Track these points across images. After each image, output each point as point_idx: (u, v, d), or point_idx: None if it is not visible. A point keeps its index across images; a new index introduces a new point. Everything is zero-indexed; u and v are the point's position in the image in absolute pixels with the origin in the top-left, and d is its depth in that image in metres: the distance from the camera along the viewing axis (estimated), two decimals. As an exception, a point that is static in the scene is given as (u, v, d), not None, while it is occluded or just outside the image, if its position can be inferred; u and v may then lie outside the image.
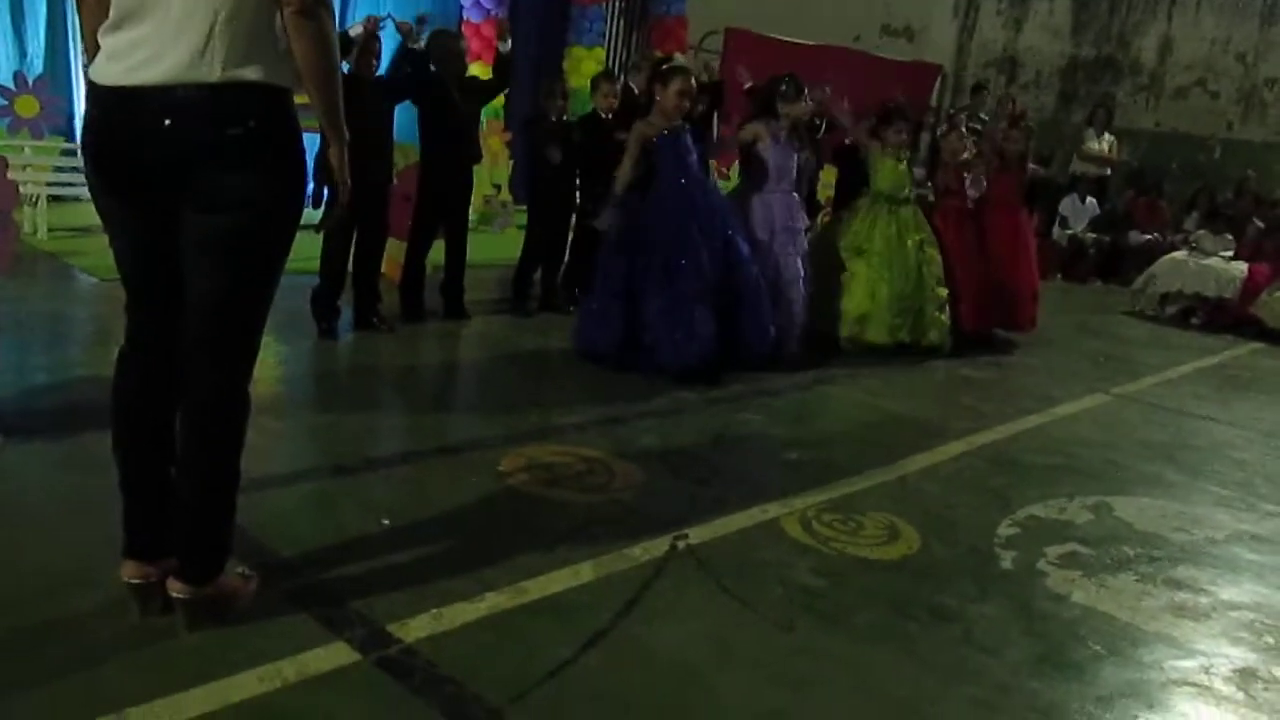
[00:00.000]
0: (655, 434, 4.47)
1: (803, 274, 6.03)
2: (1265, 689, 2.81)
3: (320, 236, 5.39)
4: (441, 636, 2.59)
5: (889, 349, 6.33)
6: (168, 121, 2.17)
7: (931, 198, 7.03)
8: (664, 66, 5.59)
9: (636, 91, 6.98)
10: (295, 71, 2.29)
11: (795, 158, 6.08)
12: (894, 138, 6.53)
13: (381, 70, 5.80)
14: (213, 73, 2.17)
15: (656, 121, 5.39)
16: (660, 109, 5.39)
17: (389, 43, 5.85)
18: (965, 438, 4.88)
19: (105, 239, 2.44)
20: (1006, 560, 3.48)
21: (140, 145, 2.20)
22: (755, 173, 5.99)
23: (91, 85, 2.28)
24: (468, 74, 6.24)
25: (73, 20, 8.51)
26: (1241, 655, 2.99)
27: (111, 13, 2.23)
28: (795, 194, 6.12)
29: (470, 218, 9.64)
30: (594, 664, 2.55)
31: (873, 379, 5.93)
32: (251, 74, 2.20)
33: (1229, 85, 13.16)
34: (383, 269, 6.01)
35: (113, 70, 2.21)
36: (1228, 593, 3.42)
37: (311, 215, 2.44)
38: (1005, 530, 3.74)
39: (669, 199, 5.37)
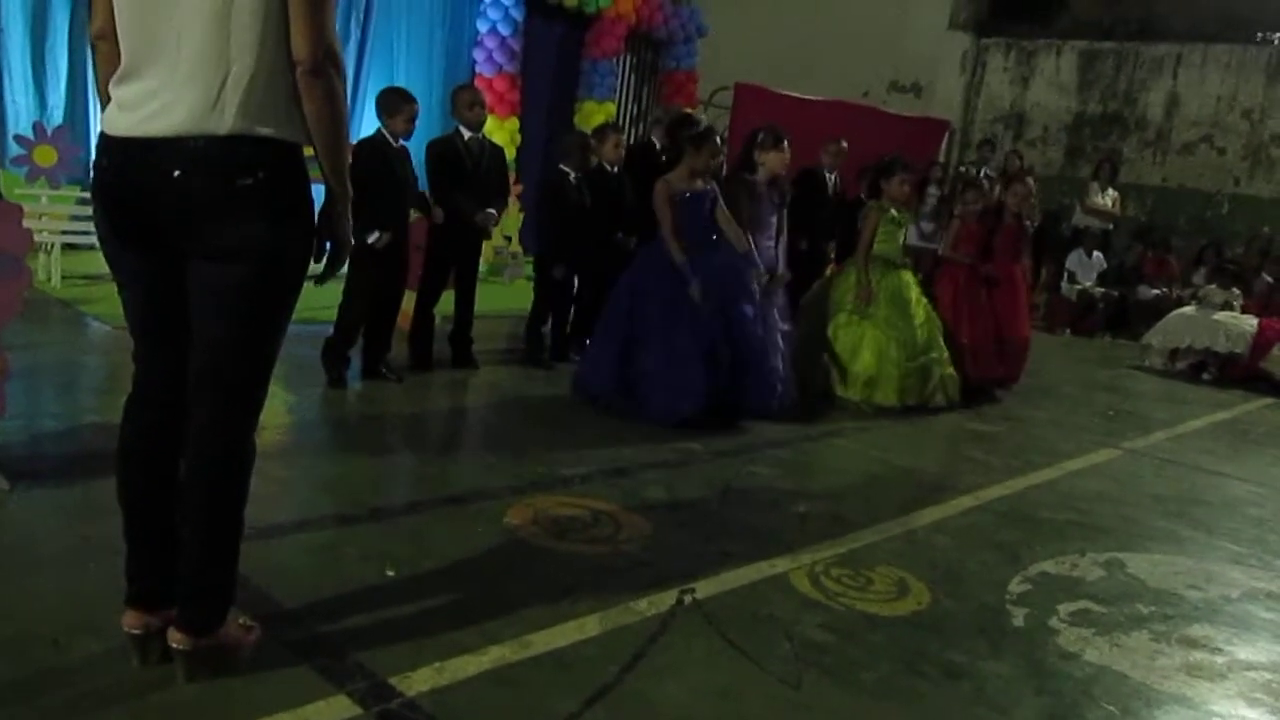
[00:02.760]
0: (662, 485, 4.44)
1: (783, 327, 6.01)
2: (1283, 752, 2.76)
3: (342, 288, 5.49)
4: (444, 689, 2.55)
5: (897, 410, 6.31)
6: (178, 172, 2.19)
7: (942, 251, 7.05)
8: (694, 129, 5.65)
9: (658, 146, 7.02)
10: (306, 124, 2.32)
11: (775, 209, 6.07)
12: (895, 190, 6.53)
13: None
14: (224, 125, 2.19)
15: (680, 180, 5.44)
16: (690, 169, 5.45)
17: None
18: (974, 492, 4.84)
19: (116, 287, 2.46)
20: (1018, 617, 3.44)
21: (150, 195, 2.22)
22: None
23: (102, 135, 2.30)
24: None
25: (93, 72, 8.65)
26: (1258, 717, 2.93)
27: (122, 63, 2.26)
28: (773, 245, 6.08)
29: (480, 268, 9.73)
30: (598, 719, 2.51)
31: (881, 432, 5.90)
32: (263, 127, 2.22)
33: (1236, 141, 13.25)
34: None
35: (124, 120, 2.24)
36: (1244, 652, 3.37)
37: (314, 267, 2.44)
38: (1016, 586, 3.70)
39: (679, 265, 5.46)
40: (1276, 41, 13.00)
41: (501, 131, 10.42)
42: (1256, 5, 13.09)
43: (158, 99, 2.20)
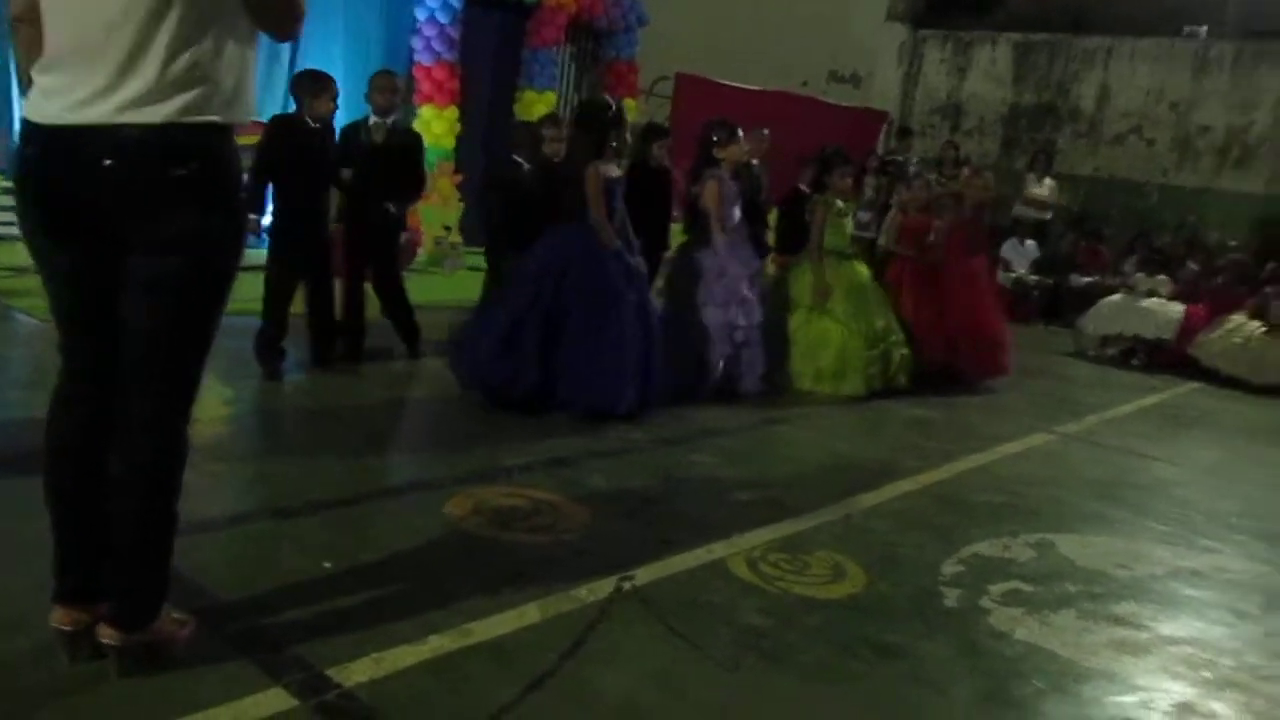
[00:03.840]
0: (603, 474, 4.46)
1: (760, 317, 6.09)
2: (1203, 723, 2.85)
3: (261, 278, 5.42)
4: (383, 680, 2.55)
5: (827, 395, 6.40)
6: (109, 161, 2.14)
7: (882, 241, 7.14)
8: (610, 113, 5.60)
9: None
10: (242, 107, 2.28)
11: (739, 200, 6.16)
12: (839, 182, 6.60)
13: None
14: (159, 112, 2.14)
15: (606, 165, 5.39)
16: (614, 155, 5.42)
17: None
18: (912, 476, 4.93)
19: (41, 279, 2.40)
20: (951, 598, 3.51)
21: (79, 185, 2.17)
22: (710, 221, 6.04)
23: (26, 123, 2.24)
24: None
25: (9, 57, 8.41)
26: (1180, 690, 3.03)
27: (46, 48, 2.20)
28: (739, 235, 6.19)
29: (420, 258, 9.64)
30: (538, 706, 2.52)
31: (822, 419, 5.97)
32: (200, 115, 2.18)
33: (1164, 133, 13.55)
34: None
35: (51, 108, 2.18)
36: (1167, 628, 3.47)
37: (254, 254, 2.42)
38: (950, 568, 3.77)
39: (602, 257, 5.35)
40: (1202, 35, 13.32)
41: (441, 120, 10.34)
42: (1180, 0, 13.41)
43: (88, 85, 2.14)
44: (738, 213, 6.17)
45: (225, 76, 2.22)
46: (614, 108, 5.59)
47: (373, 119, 5.96)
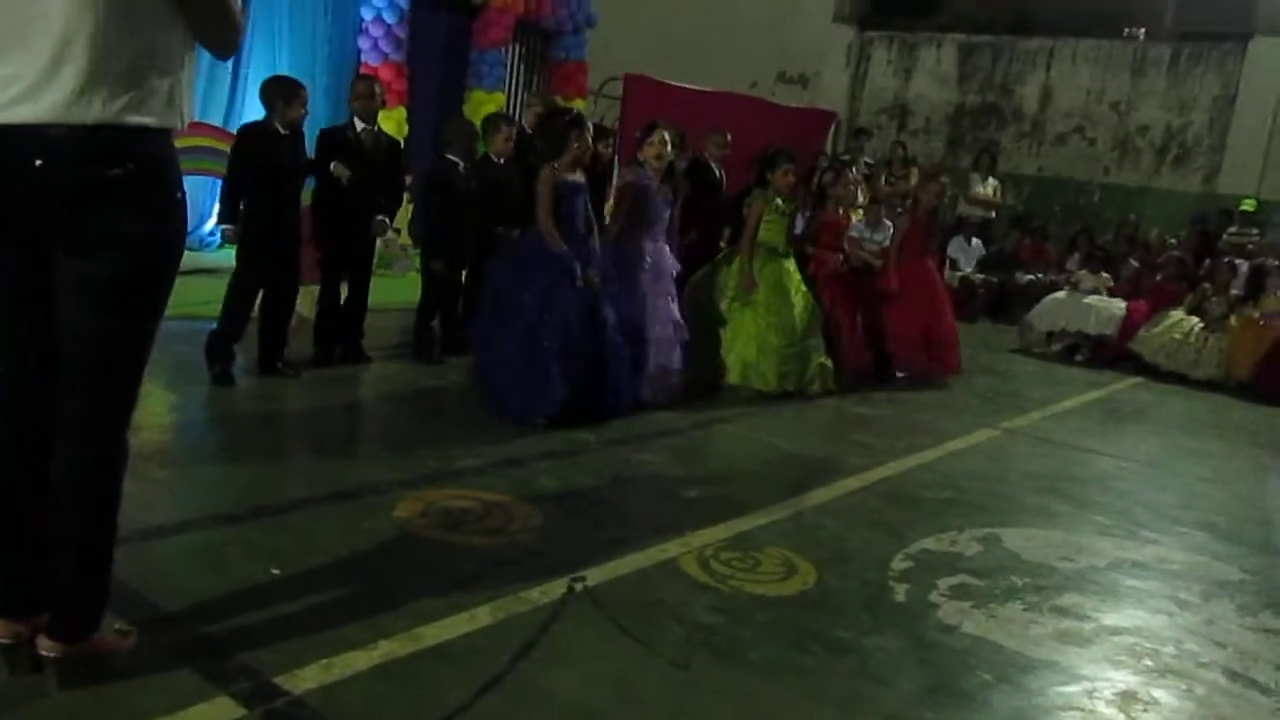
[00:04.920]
0: (553, 475, 4.45)
1: (678, 318, 6.04)
2: (1144, 710, 2.91)
3: (225, 281, 5.37)
4: (332, 686, 2.52)
5: (776, 394, 6.42)
6: (39, 162, 2.10)
7: (809, 249, 7.19)
8: (568, 117, 5.56)
9: (528, 131, 7.03)
10: (178, 111, 2.25)
11: (665, 202, 6.12)
12: (781, 180, 6.62)
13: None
14: (90, 113, 2.10)
15: (564, 169, 5.33)
16: (573, 159, 5.32)
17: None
18: (859, 474, 4.97)
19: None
20: (900, 593, 3.55)
21: (10, 185, 2.13)
22: (635, 219, 6.00)
23: None
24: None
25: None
26: (1123, 678, 3.09)
27: None
28: (663, 240, 6.14)
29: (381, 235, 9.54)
30: (491, 709, 2.52)
31: (770, 418, 6.01)
32: (134, 116, 2.15)
33: (1105, 133, 13.83)
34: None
35: None
36: (1110, 618, 3.54)
37: (200, 258, 2.39)
38: (898, 564, 3.82)
39: (549, 253, 5.30)
40: (1141, 37, 13.60)
41: (389, 121, 10.20)
42: (1119, 2, 13.68)
43: (19, 84, 2.10)
44: (668, 213, 6.13)
45: (160, 79, 2.19)
46: (573, 112, 5.58)
47: (360, 126, 5.97)
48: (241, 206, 5.42)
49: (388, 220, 6.13)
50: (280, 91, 5.47)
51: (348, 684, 2.55)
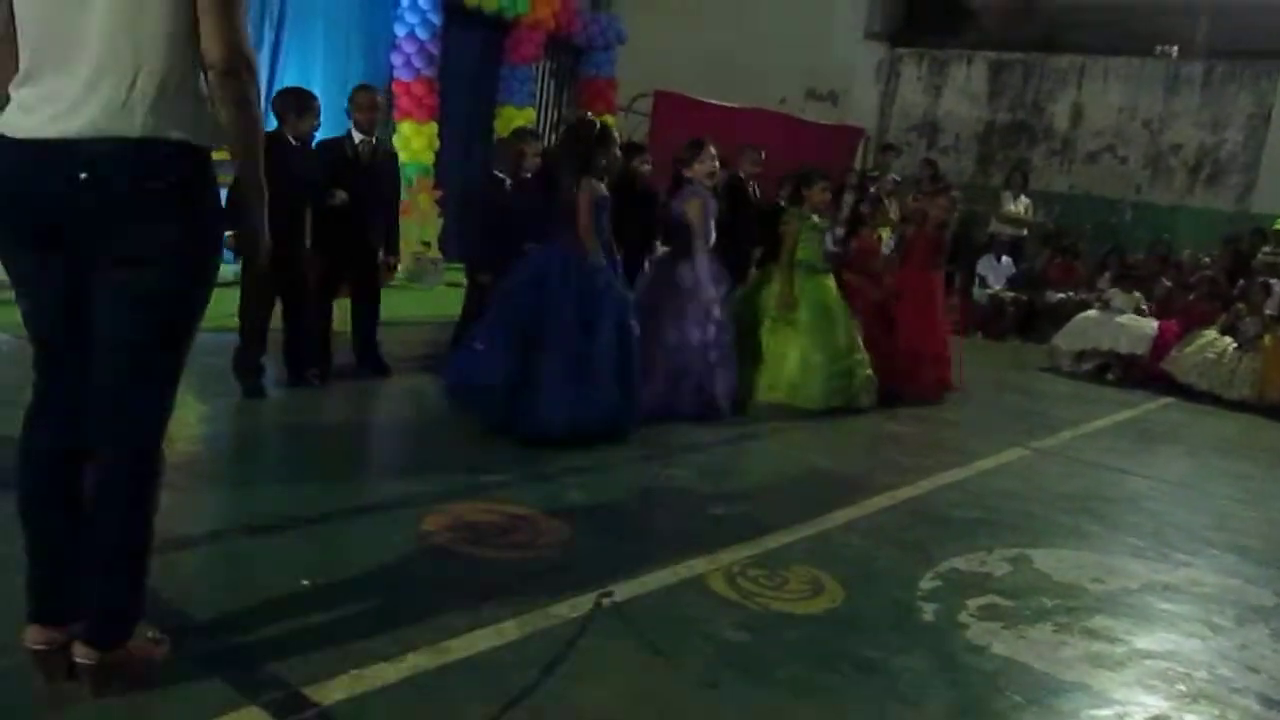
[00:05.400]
0: (582, 490, 4.46)
1: (730, 335, 6.10)
2: (1177, 736, 2.88)
3: (229, 294, 5.38)
4: (361, 698, 2.54)
5: (813, 411, 6.41)
6: (84, 175, 2.14)
7: (849, 278, 7.17)
8: (597, 130, 5.59)
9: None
10: (216, 128, 2.29)
11: (712, 219, 6.17)
12: (817, 197, 6.65)
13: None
14: (133, 126, 2.15)
15: (599, 182, 5.34)
16: (604, 172, 5.35)
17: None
18: (888, 492, 4.95)
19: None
20: (928, 612, 3.53)
21: (54, 199, 2.17)
22: (688, 238, 6.06)
23: (1, 138, 2.24)
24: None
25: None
26: (1155, 703, 3.05)
27: (22, 65, 2.21)
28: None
29: (399, 274, 9.61)
30: (516, 724, 2.52)
31: (797, 434, 6.00)
32: (173, 130, 2.19)
33: (1137, 151, 13.74)
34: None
35: (27, 122, 2.18)
36: (1142, 641, 3.50)
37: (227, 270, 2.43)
38: (927, 583, 3.79)
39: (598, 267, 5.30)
40: (1174, 55, 13.51)
41: (420, 136, 10.34)
42: (1151, 20, 13.61)
43: (63, 100, 2.15)
44: (714, 231, 6.19)
45: (196, 96, 2.23)
46: (599, 126, 5.60)
47: (358, 137, 5.94)
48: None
49: (392, 257, 6.16)
50: (293, 103, 5.50)
51: (376, 696, 2.56)
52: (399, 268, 6.30)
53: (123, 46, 2.14)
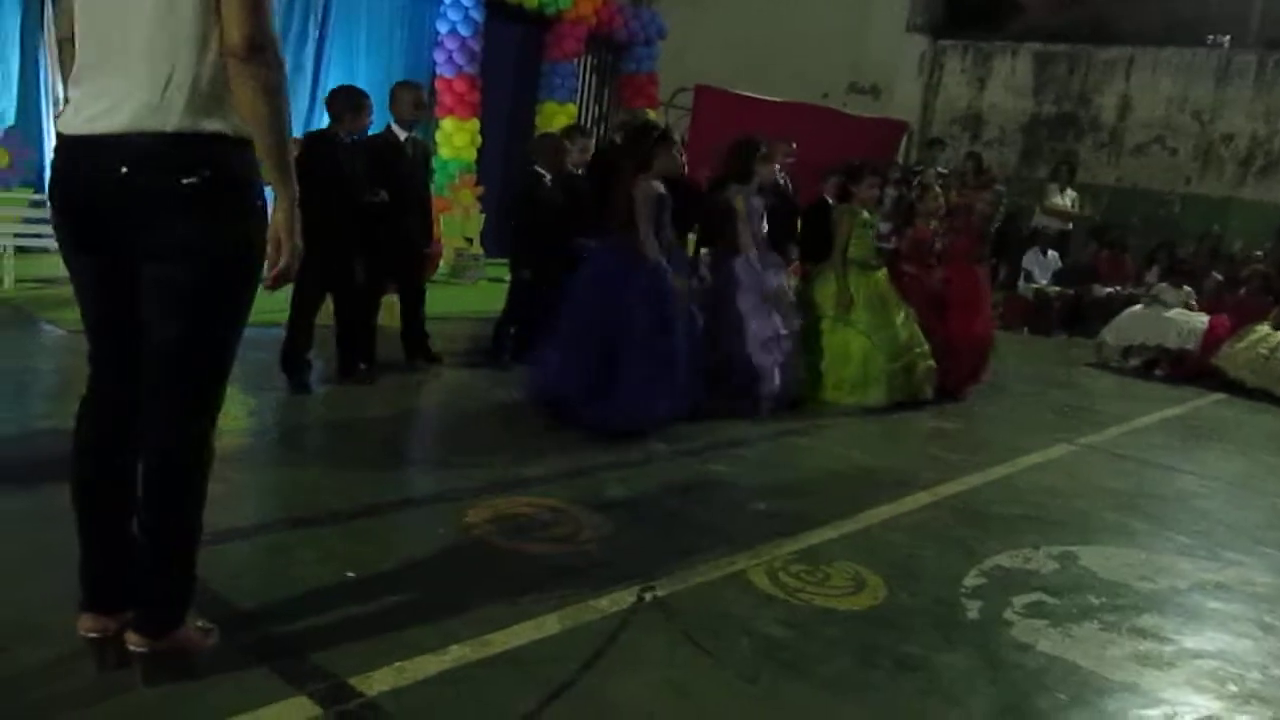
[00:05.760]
0: (624, 485, 4.47)
1: (784, 331, 6.10)
2: (1228, 737, 2.83)
3: (290, 289, 5.44)
4: (404, 690, 2.56)
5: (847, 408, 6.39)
6: (124, 170, 2.19)
7: (902, 264, 7.10)
8: (658, 132, 5.66)
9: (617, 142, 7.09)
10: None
11: (763, 214, 6.19)
12: (866, 193, 6.62)
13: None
14: (169, 121, 2.19)
15: (655, 182, 5.41)
16: (660, 171, 5.42)
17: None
18: (932, 488, 4.90)
19: (71, 289, 2.44)
20: (972, 610, 3.49)
21: (98, 193, 2.22)
22: (737, 234, 6.06)
23: (57, 136, 2.31)
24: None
25: (44, 73, 8.54)
26: (1205, 704, 3.00)
27: (76, 65, 2.28)
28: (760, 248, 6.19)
29: (441, 270, 9.70)
30: (557, 717, 2.53)
31: (840, 430, 5.96)
32: (210, 124, 2.22)
33: (1187, 142, 13.49)
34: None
35: (76, 120, 2.25)
36: (1191, 641, 3.44)
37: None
38: (971, 580, 3.75)
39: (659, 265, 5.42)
40: (1225, 45, 13.25)
41: (462, 132, 10.41)
42: (1201, 9, 13.35)
43: (107, 97, 2.21)
44: (765, 225, 6.20)
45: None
46: (661, 127, 5.68)
47: (400, 133, 5.98)
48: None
49: (434, 251, 6.23)
50: (348, 102, 5.55)
51: (418, 688, 2.58)
52: (440, 261, 6.32)
53: (159, 45, 2.19)
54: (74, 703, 2.35)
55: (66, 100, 2.32)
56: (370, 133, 5.94)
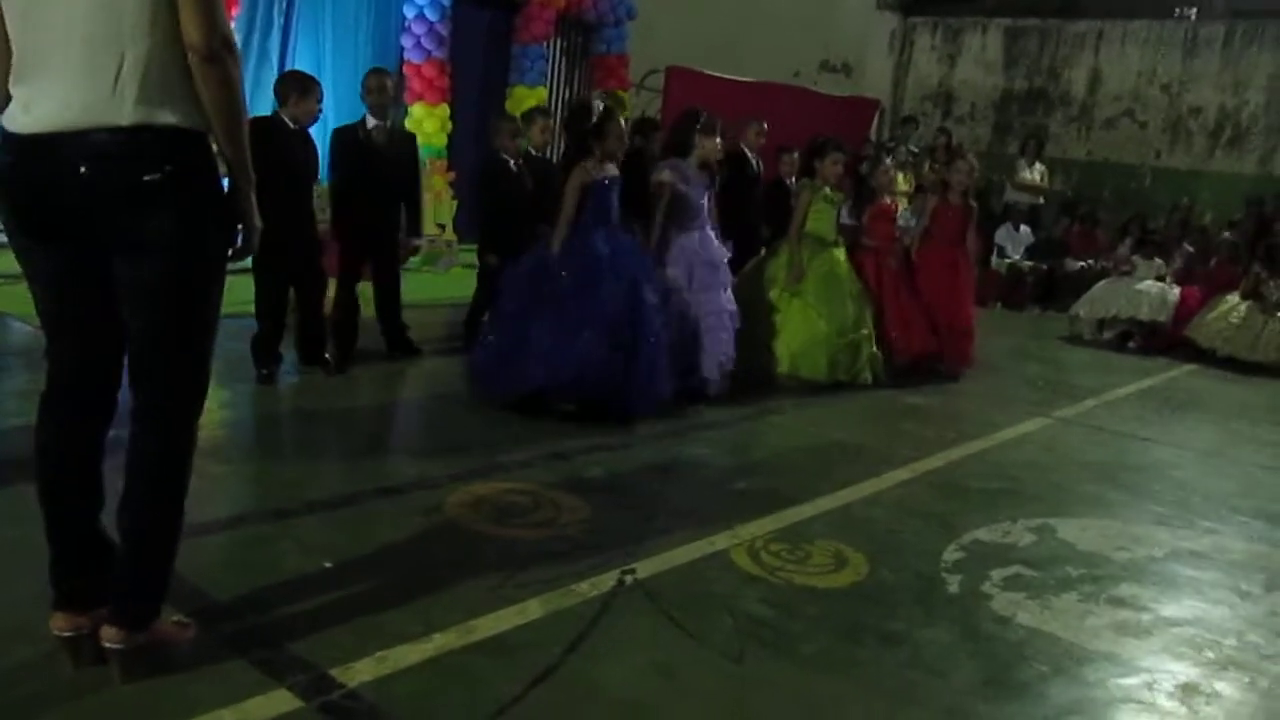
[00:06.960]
0: (602, 467, 4.46)
1: (730, 309, 5.94)
2: (1207, 703, 2.86)
3: (251, 280, 5.35)
4: (386, 679, 2.55)
5: (826, 385, 6.36)
6: (84, 169, 2.15)
7: (864, 238, 7.07)
8: (595, 116, 5.50)
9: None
10: (204, 114, 2.28)
11: (706, 193, 6.00)
12: (828, 169, 6.56)
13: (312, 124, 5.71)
14: (124, 114, 2.15)
15: (594, 167, 5.30)
16: (603, 155, 5.27)
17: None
18: (910, 464, 4.92)
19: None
20: (952, 584, 3.51)
21: (58, 192, 2.18)
22: (672, 212, 5.88)
23: (4, 133, 2.25)
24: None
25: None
26: (1184, 670, 3.03)
27: (15, 61, 2.22)
28: (708, 229, 5.98)
29: (414, 258, 9.61)
30: (542, 702, 2.53)
31: (818, 408, 5.97)
32: (166, 116, 2.19)
33: (1156, 115, 13.56)
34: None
35: (25, 118, 2.20)
36: (1169, 609, 3.48)
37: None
38: (951, 555, 3.77)
39: (590, 245, 5.23)
40: (1193, 16, 13.31)
41: (432, 119, 10.31)
42: (1170, -19, 13.41)
43: (57, 93, 2.17)
44: (706, 205, 5.99)
45: (186, 78, 2.22)
46: (603, 107, 5.56)
47: (372, 122, 5.87)
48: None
49: (414, 240, 6.15)
50: (296, 86, 5.41)
51: (401, 676, 2.57)
52: (419, 251, 6.23)
53: (105, 34, 2.14)
54: (54, 700, 2.32)
55: (7, 98, 2.26)
56: (343, 123, 5.87)
